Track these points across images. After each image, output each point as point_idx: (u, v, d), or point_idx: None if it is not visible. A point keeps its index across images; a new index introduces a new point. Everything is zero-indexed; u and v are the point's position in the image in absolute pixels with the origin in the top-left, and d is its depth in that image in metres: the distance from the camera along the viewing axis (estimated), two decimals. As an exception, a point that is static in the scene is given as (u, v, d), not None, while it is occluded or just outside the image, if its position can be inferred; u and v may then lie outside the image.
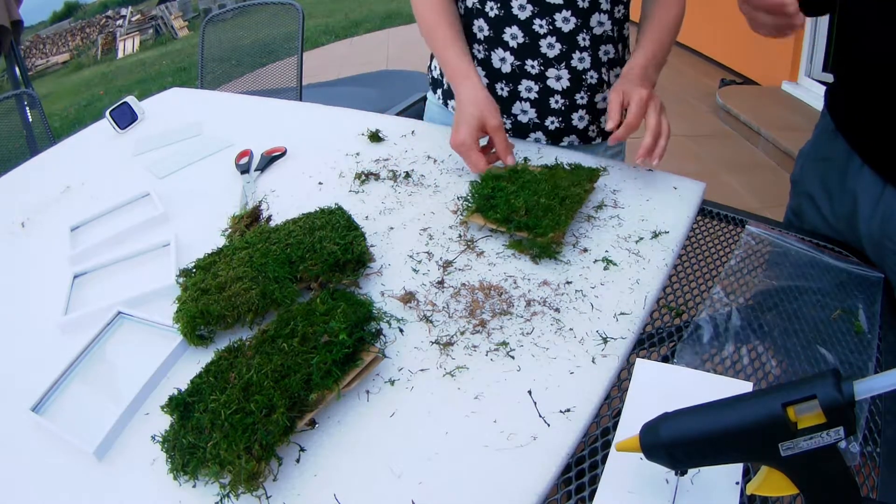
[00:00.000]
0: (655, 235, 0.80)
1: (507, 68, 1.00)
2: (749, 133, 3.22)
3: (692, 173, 0.91)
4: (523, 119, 1.04)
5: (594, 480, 0.54)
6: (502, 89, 1.03)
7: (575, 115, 1.02)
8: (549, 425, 0.57)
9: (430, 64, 1.16)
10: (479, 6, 0.98)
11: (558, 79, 0.99)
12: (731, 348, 0.67)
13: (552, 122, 1.03)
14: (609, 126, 0.86)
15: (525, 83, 1.00)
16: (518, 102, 1.03)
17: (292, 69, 2.11)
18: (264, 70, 2.21)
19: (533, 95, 1.01)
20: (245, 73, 2.23)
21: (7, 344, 0.76)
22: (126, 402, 0.62)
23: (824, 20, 3.28)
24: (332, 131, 1.15)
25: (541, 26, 0.95)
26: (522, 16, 0.95)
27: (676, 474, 0.51)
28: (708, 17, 4.08)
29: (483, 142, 0.94)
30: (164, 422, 0.62)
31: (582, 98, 1.01)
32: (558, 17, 0.94)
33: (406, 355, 0.66)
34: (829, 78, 0.89)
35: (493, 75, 1.02)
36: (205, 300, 0.69)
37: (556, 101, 1.01)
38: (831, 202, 0.89)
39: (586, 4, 0.93)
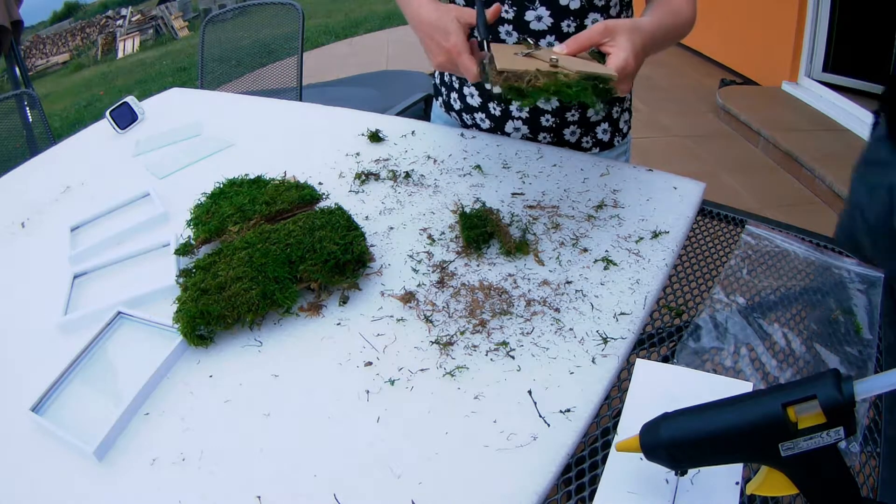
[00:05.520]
0: (655, 235, 0.80)
1: (497, 88, 1.00)
2: (749, 133, 3.22)
3: (692, 173, 0.91)
4: (516, 136, 1.06)
5: (594, 480, 0.54)
6: (495, 109, 1.04)
7: (566, 131, 1.03)
8: (549, 425, 0.57)
9: (434, 71, 1.16)
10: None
11: (547, 99, 0.98)
12: (731, 348, 0.67)
13: (544, 138, 1.04)
14: (567, 47, 0.77)
15: (516, 103, 1.00)
16: (510, 121, 1.04)
17: (292, 69, 2.11)
18: (264, 70, 2.21)
19: (524, 114, 1.02)
20: (245, 73, 2.23)
21: (7, 344, 0.76)
22: (126, 402, 0.62)
23: (824, 20, 3.28)
24: (332, 131, 1.15)
25: None
26: (510, 41, 0.95)
27: (676, 474, 0.51)
28: (708, 18, 4.08)
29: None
30: (163, 422, 0.62)
31: (573, 115, 1.01)
32: (543, 43, 0.93)
33: (406, 355, 0.66)
34: (829, 78, 0.91)
35: (485, 95, 1.04)
36: (205, 300, 0.69)
37: (547, 120, 1.02)
38: (872, 200, 0.90)
39: (571, 30, 0.92)
